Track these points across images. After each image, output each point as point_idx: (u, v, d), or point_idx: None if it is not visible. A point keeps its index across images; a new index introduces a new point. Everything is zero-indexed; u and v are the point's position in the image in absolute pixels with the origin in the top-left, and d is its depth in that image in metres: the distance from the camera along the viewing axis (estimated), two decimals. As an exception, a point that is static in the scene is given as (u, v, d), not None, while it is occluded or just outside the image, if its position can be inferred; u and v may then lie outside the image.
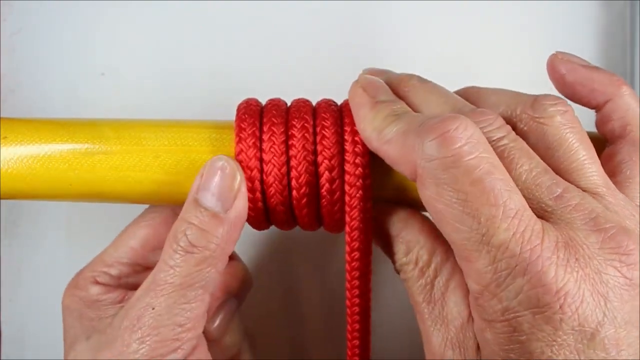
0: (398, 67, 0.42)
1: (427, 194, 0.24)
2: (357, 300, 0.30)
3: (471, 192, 0.23)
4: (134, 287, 0.32)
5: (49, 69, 0.42)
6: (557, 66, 0.29)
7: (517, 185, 0.24)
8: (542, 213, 0.24)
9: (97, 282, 0.32)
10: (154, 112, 0.41)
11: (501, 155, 0.24)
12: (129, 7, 0.42)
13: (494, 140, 0.25)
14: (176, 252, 0.28)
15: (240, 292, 0.35)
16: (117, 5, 0.42)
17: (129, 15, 0.42)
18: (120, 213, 0.42)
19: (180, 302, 0.28)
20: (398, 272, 0.29)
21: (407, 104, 0.28)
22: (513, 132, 0.25)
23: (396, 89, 0.29)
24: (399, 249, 0.28)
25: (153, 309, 0.28)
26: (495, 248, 0.22)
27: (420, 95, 0.28)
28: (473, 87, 0.30)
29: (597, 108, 0.29)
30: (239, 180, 0.28)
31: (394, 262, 0.29)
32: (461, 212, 0.23)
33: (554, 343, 0.22)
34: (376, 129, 0.27)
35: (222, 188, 0.28)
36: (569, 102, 0.28)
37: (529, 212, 0.23)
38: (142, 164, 0.30)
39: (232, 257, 0.34)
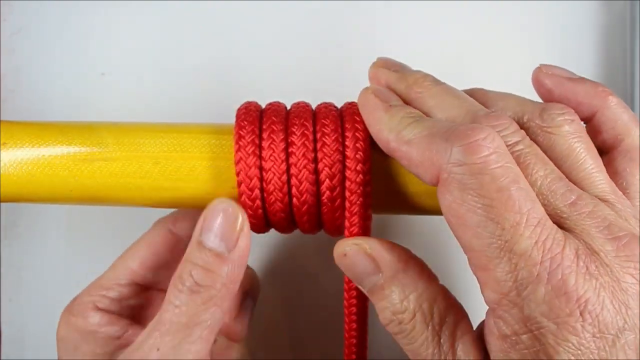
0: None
1: (449, 198, 0.24)
2: (354, 302, 0.30)
3: (497, 199, 0.23)
4: (135, 313, 0.32)
5: (49, 69, 0.42)
6: (542, 80, 0.29)
7: (533, 191, 0.24)
8: (557, 219, 0.24)
9: (97, 308, 0.31)
10: (154, 112, 0.42)
11: (517, 160, 0.24)
12: (129, 7, 0.42)
13: (509, 145, 0.25)
14: (182, 292, 0.28)
15: (254, 292, 0.36)
16: (117, 6, 0.42)
17: (129, 15, 0.42)
18: (121, 213, 0.42)
19: (185, 342, 0.28)
20: (386, 322, 0.27)
21: (420, 105, 0.28)
22: (528, 138, 0.26)
23: (409, 88, 0.29)
24: (393, 293, 0.26)
25: (158, 349, 0.28)
26: (517, 256, 0.22)
27: (435, 97, 0.28)
28: (481, 90, 0.30)
29: (585, 120, 0.29)
30: (241, 220, 0.28)
31: (382, 308, 0.27)
32: (485, 217, 0.23)
33: (578, 352, 0.22)
34: (393, 130, 0.27)
35: (225, 229, 0.28)
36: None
37: (550, 221, 0.23)
38: (142, 171, 0.30)
39: None
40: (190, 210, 0.33)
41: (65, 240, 0.43)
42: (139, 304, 0.33)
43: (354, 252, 0.27)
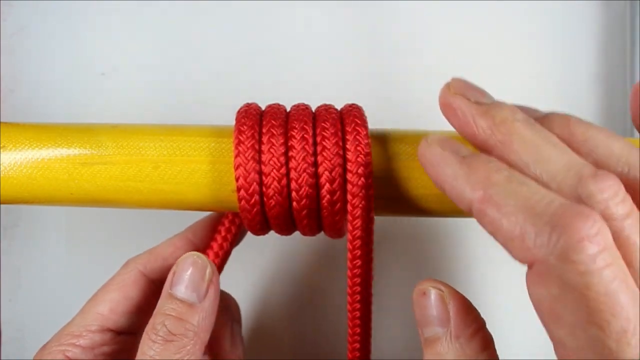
0: (398, 69, 0.42)
1: (544, 292, 0.22)
2: (358, 306, 0.30)
3: (603, 303, 0.21)
4: None
5: (49, 69, 0.42)
6: None
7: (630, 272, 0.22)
8: None
9: (68, 358, 0.30)
10: (154, 111, 0.42)
11: (618, 234, 0.22)
12: (129, 7, 0.42)
13: (615, 219, 0.23)
14: (155, 342, 0.28)
15: (238, 317, 0.37)
16: (117, 5, 0.42)
17: (129, 15, 0.42)
18: (121, 214, 0.42)
19: None
20: None
21: (505, 151, 0.25)
22: (635, 208, 0.23)
23: (495, 128, 0.25)
24: (447, 354, 0.25)
25: None
26: None
27: (527, 144, 0.25)
28: (561, 117, 0.26)
29: None
30: (210, 271, 0.29)
31: None
32: (586, 320, 0.21)
33: None
34: (478, 189, 0.23)
35: (195, 280, 0.29)
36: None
37: None
38: (141, 175, 0.30)
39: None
40: (161, 251, 0.33)
41: (65, 240, 0.43)
42: (113, 350, 0.31)
43: (434, 296, 0.26)
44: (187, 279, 0.29)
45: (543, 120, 0.26)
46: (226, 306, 0.36)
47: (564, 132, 0.26)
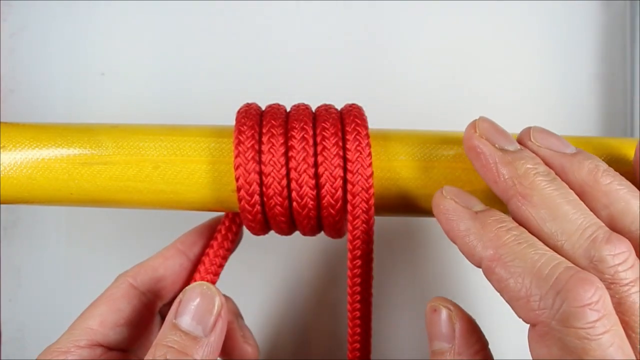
0: (399, 69, 0.42)
1: (545, 352, 0.23)
2: (358, 306, 0.30)
3: None
4: None
5: (49, 69, 0.42)
6: None
7: (630, 337, 0.23)
8: None
9: None
10: (154, 111, 0.41)
11: (625, 299, 0.24)
12: (129, 7, 0.42)
13: (623, 284, 0.24)
14: None
15: (237, 309, 0.36)
16: (117, 6, 0.42)
17: (129, 15, 0.42)
18: (121, 214, 0.42)
19: None
20: None
21: (524, 206, 0.26)
22: None
23: (517, 180, 0.26)
24: None
25: None
26: None
27: (546, 201, 0.25)
28: (607, 175, 0.26)
29: None
30: (219, 303, 0.28)
31: None
32: None
33: None
34: (489, 247, 0.25)
35: (202, 312, 0.27)
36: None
37: None
38: (142, 175, 0.30)
39: None
40: (151, 263, 0.32)
41: (65, 240, 0.43)
42: None
43: (444, 315, 0.27)
44: (193, 309, 0.27)
45: (572, 160, 0.27)
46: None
47: (589, 178, 0.26)
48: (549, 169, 0.26)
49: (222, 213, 0.33)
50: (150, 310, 0.32)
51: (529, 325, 0.24)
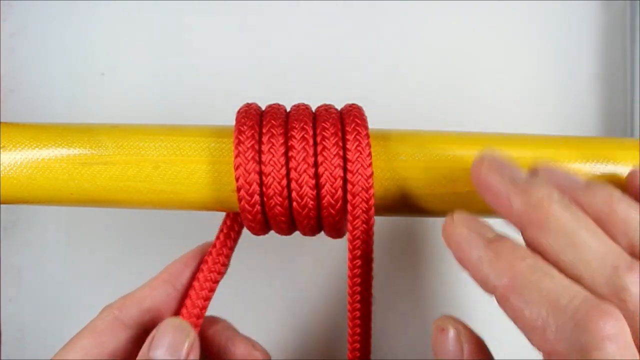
0: (399, 69, 0.42)
1: None
2: (358, 306, 0.30)
3: None
4: None
5: (49, 69, 0.42)
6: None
7: None
8: None
9: None
10: (154, 111, 0.42)
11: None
12: (129, 7, 0.42)
13: None
14: None
15: (224, 323, 0.35)
16: (117, 5, 0.42)
17: (129, 15, 0.42)
18: (121, 213, 0.42)
19: None
20: None
21: (539, 235, 0.25)
22: None
23: (530, 208, 0.25)
24: None
25: None
26: None
27: (563, 229, 0.24)
28: (622, 203, 0.25)
29: None
30: (192, 337, 0.28)
31: None
32: None
33: None
34: (503, 276, 0.24)
35: (175, 345, 0.28)
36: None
37: None
38: (142, 175, 0.30)
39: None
40: (136, 294, 0.32)
41: (65, 240, 0.43)
42: None
43: (452, 334, 0.26)
44: (167, 343, 0.28)
45: (585, 191, 0.26)
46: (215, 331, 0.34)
47: (604, 208, 0.25)
48: (563, 195, 0.25)
49: (208, 241, 0.33)
50: (135, 344, 0.31)
51: (542, 353, 0.23)
